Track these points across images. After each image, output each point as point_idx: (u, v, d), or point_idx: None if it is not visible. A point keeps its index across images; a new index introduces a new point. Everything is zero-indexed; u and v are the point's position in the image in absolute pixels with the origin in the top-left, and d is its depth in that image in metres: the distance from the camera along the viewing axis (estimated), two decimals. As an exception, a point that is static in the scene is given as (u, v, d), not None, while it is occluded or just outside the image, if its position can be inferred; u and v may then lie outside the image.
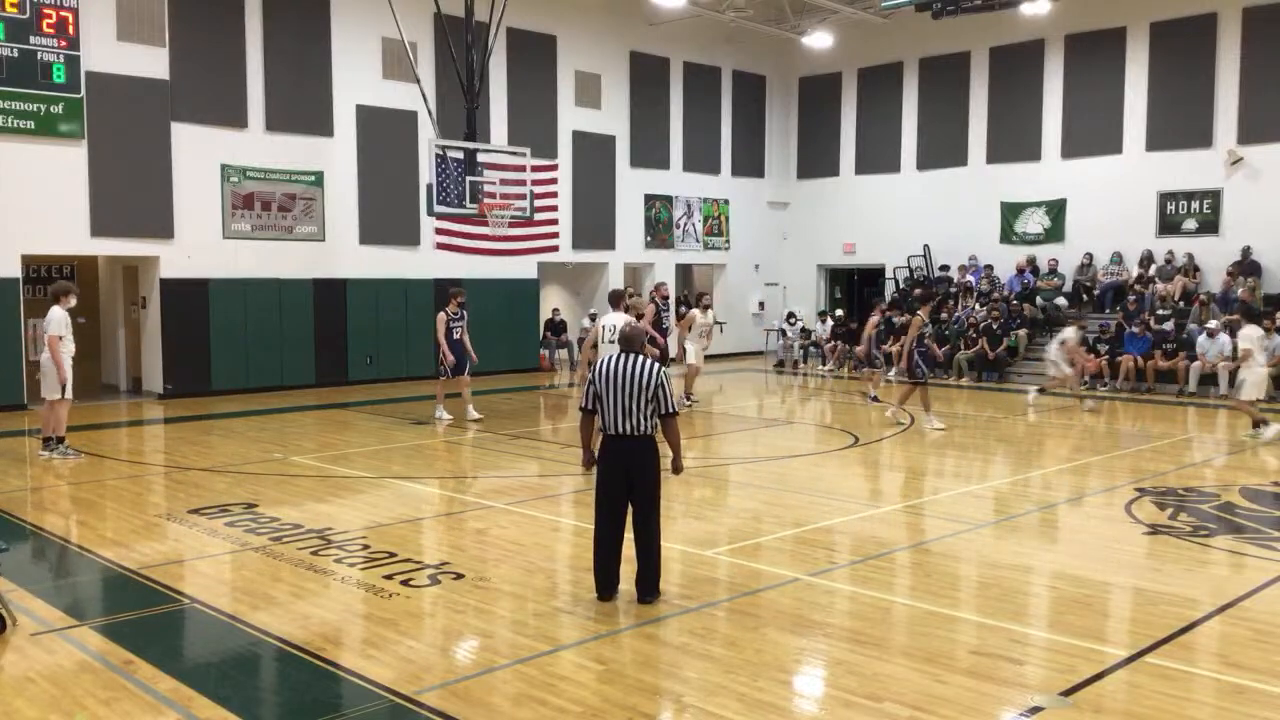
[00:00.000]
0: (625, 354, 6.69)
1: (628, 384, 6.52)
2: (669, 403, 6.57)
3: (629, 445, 6.56)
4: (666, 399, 6.56)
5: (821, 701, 5.43)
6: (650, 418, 6.54)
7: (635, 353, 6.74)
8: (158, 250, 17.68)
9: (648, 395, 6.50)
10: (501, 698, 5.32)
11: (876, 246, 26.01)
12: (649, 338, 12.59)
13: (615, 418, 6.55)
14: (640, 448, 6.57)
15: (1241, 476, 11.10)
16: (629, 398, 6.50)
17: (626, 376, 6.54)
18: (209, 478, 11.13)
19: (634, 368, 6.57)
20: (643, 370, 6.56)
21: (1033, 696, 5.29)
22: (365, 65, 19.92)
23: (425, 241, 19.70)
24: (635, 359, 6.64)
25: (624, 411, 6.52)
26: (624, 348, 6.80)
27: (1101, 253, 22.52)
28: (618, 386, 6.54)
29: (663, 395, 6.54)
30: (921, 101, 25.52)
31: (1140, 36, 22.05)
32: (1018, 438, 14.39)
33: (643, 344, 6.98)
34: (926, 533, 8.98)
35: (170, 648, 6.25)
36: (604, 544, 6.71)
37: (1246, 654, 5.90)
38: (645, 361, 6.63)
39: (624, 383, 6.53)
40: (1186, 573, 7.65)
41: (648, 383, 6.51)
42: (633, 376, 6.53)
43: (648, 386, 6.51)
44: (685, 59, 25.65)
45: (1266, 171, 20.45)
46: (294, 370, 19.11)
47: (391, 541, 8.37)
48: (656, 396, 6.52)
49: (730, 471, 11.88)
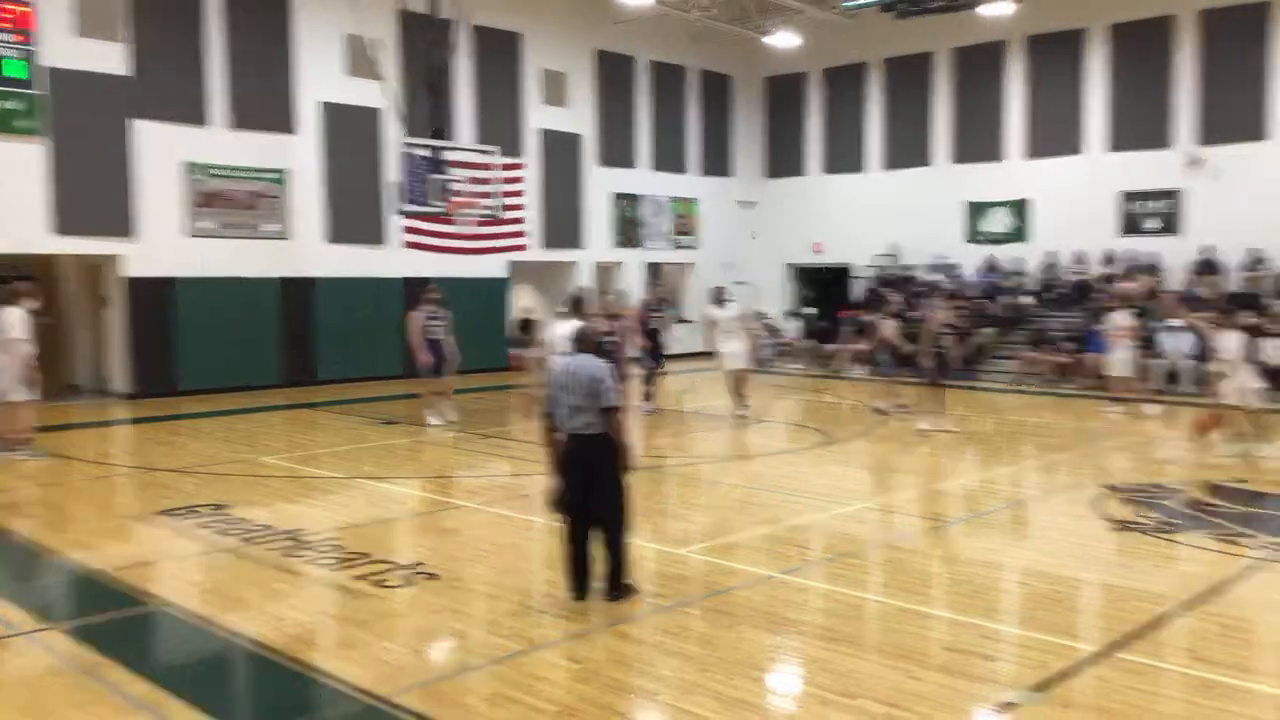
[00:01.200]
0: (579, 355, 6.77)
1: (573, 382, 6.58)
2: (609, 396, 6.60)
3: (584, 443, 6.61)
4: (607, 393, 6.58)
5: (797, 699, 5.46)
6: (600, 414, 6.57)
7: (586, 352, 6.79)
8: (121, 249, 17.44)
9: (591, 391, 6.54)
10: (477, 698, 5.32)
11: (844, 246, 26.16)
12: (612, 342, 12.45)
13: (568, 418, 6.60)
14: (595, 445, 6.60)
15: (1207, 472, 11.28)
16: (576, 395, 6.56)
17: (572, 375, 6.61)
18: (178, 479, 11.00)
19: (582, 367, 6.63)
20: (587, 369, 6.62)
21: (1005, 692, 5.36)
22: (329, 62, 19.74)
23: (393, 240, 19.57)
24: (582, 358, 6.72)
25: (573, 409, 6.58)
26: (576, 348, 6.86)
27: (1064, 252, 22.81)
28: (568, 387, 6.60)
29: (603, 390, 6.56)
30: (886, 102, 25.70)
31: (1100, 38, 22.33)
32: (987, 435, 14.54)
33: (596, 346, 7.01)
34: (898, 530, 9.06)
35: (142, 650, 6.19)
36: (571, 543, 6.74)
37: (1214, 649, 6.00)
38: (590, 359, 6.70)
39: (571, 381, 6.59)
40: (1154, 568, 7.77)
41: (589, 378, 6.56)
42: (577, 373, 6.60)
43: (589, 381, 6.55)
44: (651, 58, 25.66)
45: (1225, 171, 20.76)
46: (262, 370, 18.91)
47: (364, 542, 8.31)
48: (598, 391, 6.55)
49: (703, 470, 11.91)
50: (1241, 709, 5.18)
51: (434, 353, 14.44)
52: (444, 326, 14.62)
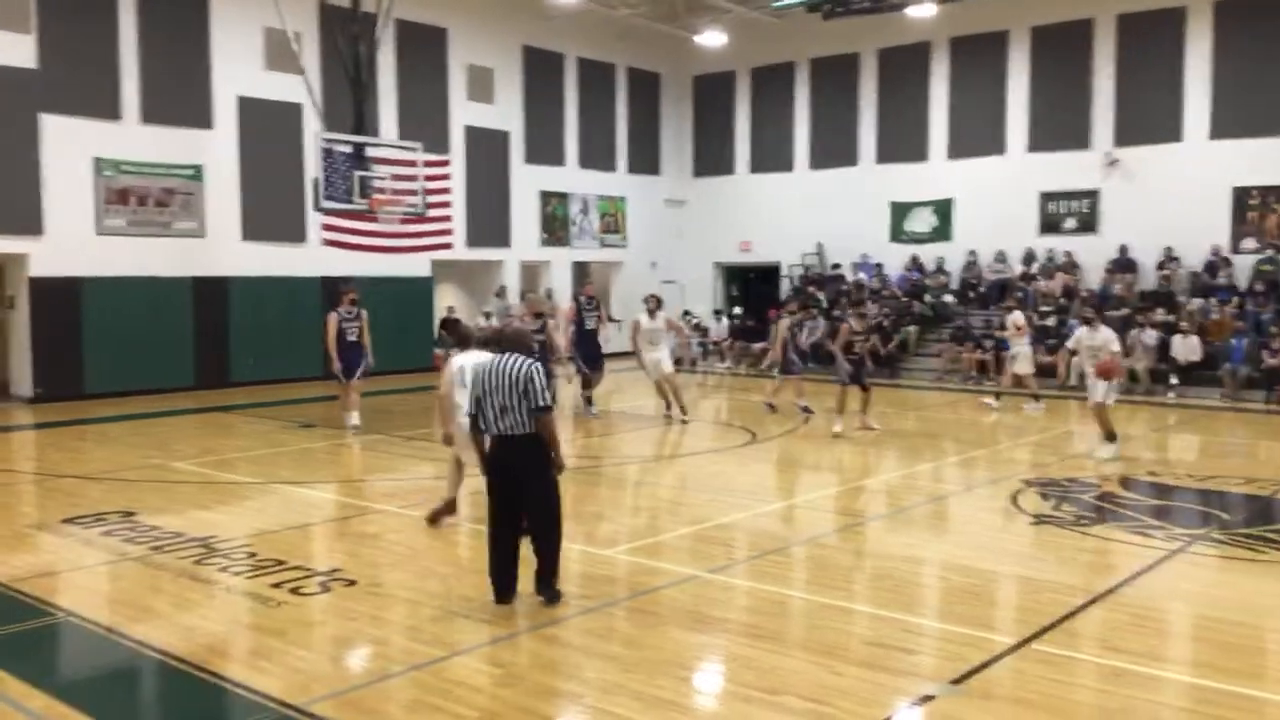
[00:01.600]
0: (507, 355, 6.65)
1: (501, 382, 6.48)
2: (539, 397, 6.51)
3: (511, 445, 6.51)
4: (537, 394, 6.49)
5: (720, 697, 5.44)
6: (528, 415, 6.48)
7: (516, 351, 6.69)
8: (26, 247, 16.83)
9: (519, 391, 6.45)
10: (396, 705, 5.21)
11: (772, 245, 26.34)
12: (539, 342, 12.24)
13: (494, 417, 6.50)
14: (523, 447, 6.51)
15: (1120, 467, 11.55)
16: (504, 395, 6.46)
17: (499, 375, 6.51)
18: (83, 485, 10.62)
19: (507, 366, 6.53)
20: (514, 367, 6.52)
21: (925, 685, 5.39)
22: (246, 56, 19.29)
23: (312, 238, 19.20)
24: (510, 358, 6.60)
25: (500, 410, 6.47)
26: (505, 349, 6.75)
27: (986, 251, 23.23)
28: (494, 386, 6.49)
29: (533, 390, 6.47)
30: (813, 101, 25.93)
31: (1022, 41, 22.80)
32: (909, 432, 14.72)
33: (527, 346, 6.91)
34: (821, 527, 9.11)
35: (43, 664, 5.95)
36: (498, 546, 6.63)
37: (1125, 638, 6.11)
38: (518, 359, 6.59)
39: (499, 381, 6.49)
40: (1069, 561, 7.91)
41: (518, 378, 6.47)
42: (504, 373, 6.50)
43: (518, 382, 6.46)
44: (579, 54, 25.56)
45: (1141, 173, 21.35)
46: (173, 372, 18.38)
47: (279, 549, 8.09)
48: (527, 391, 6.46)
49: (629, 470, 11.86)
50: (1151, 696, 5.30)
51: (350, 355, 13.86)
52: (360, 328, 14.12)
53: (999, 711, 5.10)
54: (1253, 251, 20.23)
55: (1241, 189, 20.30)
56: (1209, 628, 6.49)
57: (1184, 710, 5.20)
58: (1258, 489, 10.47)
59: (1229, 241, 20.46)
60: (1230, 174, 20.25)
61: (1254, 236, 20.33)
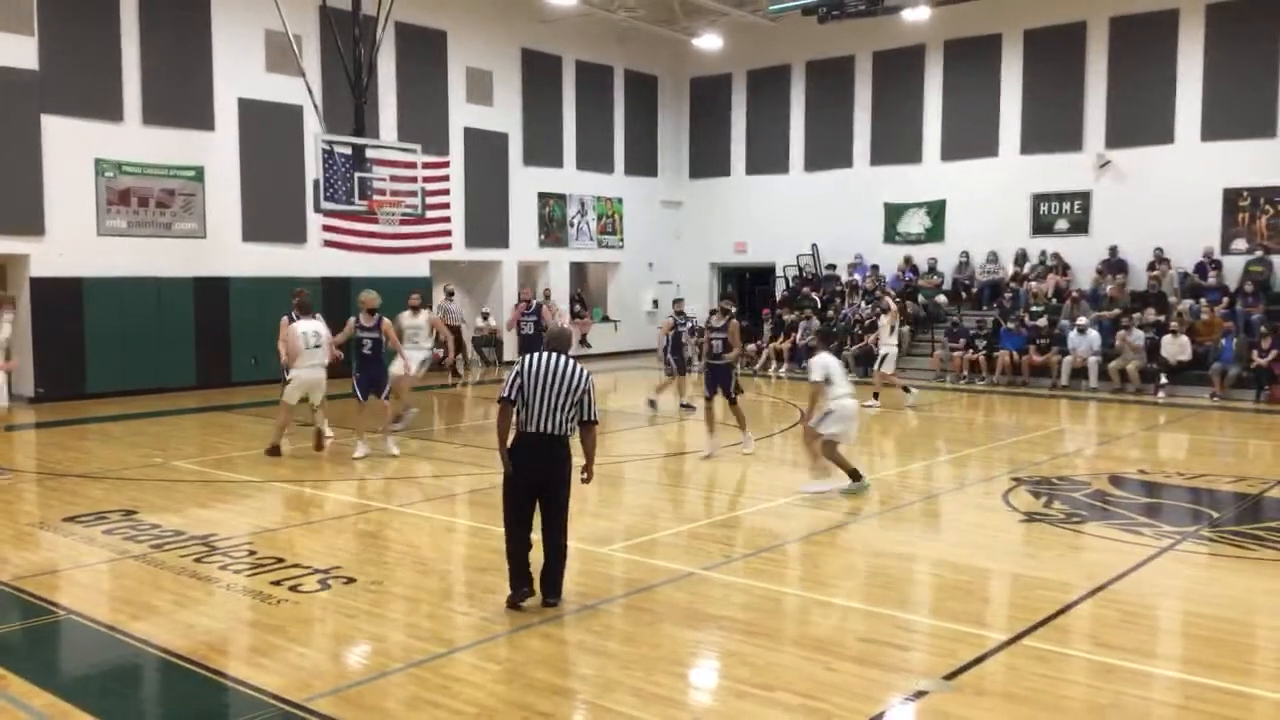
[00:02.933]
0: (556, 354, 6.62)
1: (558, 384, 6.46)
2: (592, 410, 6.58)
3: (547, 445, 6.49)
4: (590, 405, 6.57)
5: (715, 693, 5.52)
6: (571, 421, 6.53)
7: (564, 354, 6.68)
8: (28, 248, 16.87)
9: (574, 398, 6.48)
10: (395, 702, 5.27)
11: (767, 246, 26.43)
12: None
13: (539, 416, 6.46)
14: (557, 448, 6.53)
15: (1111, 465, 11.65)
16: (557, 396, 6.45)
17: (557, 376, 6.48)
18: (85, 484, 10.69)
19: (565, 369, 6.52)
20: (574, 373, 6.53)
21: (918, 681, 5.48)
22: (248, 57, 19.35)
23: (312, 239, 19.26)
24: (567, 360, 6.59)
25: (549, 410, 6.45)
26: (553, 348, 6.71)
27: (978, 252, 23.31)
28: (548, 385, 6.46)
29: (588, 401, 6.54)
30: (808, 104, 26.01)
31: (1015, 44, 22.89)
32: (901, 431, 14.81)
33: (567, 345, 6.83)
34: (816, 524, 9.18)
35: (45, 662, 6.01)
36: (517, 543, 6.57)
37: (1115, 634, 6.20)
38: (573, 364, 6.58)
39: (554, 382, 6.46)
40: (1060, 558, 8.00)
41: (576, 385, 6.50)
42: (563, 377, 6.49)
43: (576, 389, 6.49)
44: (577, 57, 25.62)
45: (1133, 174, 21.46)
46: (174, 372, 18.45)
47: (279, 547, 8.17)
48: (582, 401, 6.52)
49: (625, 469, 11.93)
50: (1141, 691, 5.39)
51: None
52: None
53: (991, 707, 5.18)
54: (1243, 252, 20.34)
55: (1232, 190, 20.41)
56: (1198, 624, 6.58)
57: (1173, 705, 5.28)
58: (1247, 487, 10.58)
59: (1219, 243, 20.57)
60: (1221, 175, 20.36)
61: (1244, 238, 20.44)
